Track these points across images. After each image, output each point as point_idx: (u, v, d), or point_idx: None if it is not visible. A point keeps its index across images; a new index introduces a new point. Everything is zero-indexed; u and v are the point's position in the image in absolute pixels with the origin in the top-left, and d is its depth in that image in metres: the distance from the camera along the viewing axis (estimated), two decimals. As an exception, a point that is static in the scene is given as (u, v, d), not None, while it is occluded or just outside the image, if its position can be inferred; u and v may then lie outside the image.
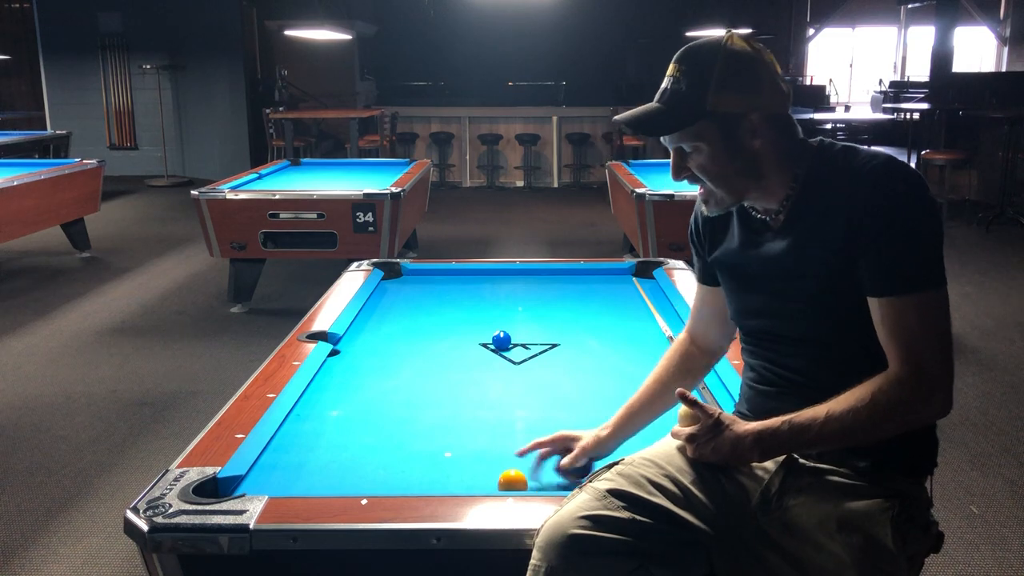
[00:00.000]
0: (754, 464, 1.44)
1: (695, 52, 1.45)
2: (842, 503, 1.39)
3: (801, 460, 1.45)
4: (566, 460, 1.68)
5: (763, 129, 1.43)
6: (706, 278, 1.71)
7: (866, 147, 1.46)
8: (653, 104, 1.48)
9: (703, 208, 1.60)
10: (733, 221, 1.58)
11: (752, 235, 1.53)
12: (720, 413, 1.42)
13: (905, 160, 1.47)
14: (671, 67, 1.47)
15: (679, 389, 1.45)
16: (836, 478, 1.42)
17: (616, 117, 1.55)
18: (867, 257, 1.35)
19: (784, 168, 1.46)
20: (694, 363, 1.76)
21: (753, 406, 1.56)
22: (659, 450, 1.51)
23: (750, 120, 1.42)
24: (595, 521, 1.34)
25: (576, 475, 1.65)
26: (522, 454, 1.70)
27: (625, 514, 1.35)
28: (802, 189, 1.45)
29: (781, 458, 1.45)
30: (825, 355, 1.45)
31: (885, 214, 1.34)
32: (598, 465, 1.60)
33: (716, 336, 1.75)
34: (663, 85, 1.47)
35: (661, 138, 1.51)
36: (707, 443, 1.40)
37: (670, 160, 1.51)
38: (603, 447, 1.69)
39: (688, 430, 1.43)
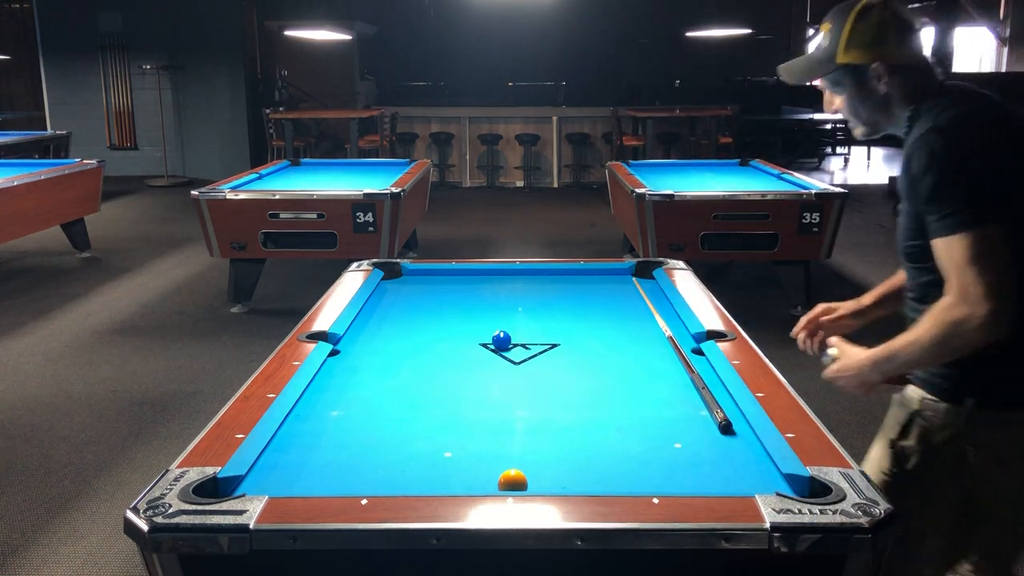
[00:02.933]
0: None
1: (838, 12, 1.76)
2: None
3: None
4: (828, 317, 1.97)
5: (888, 76, 1.72)
6: None
7: (967, 103, 1.67)
8: (806, 55, 1.85)
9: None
10: None
11: None
12: (848, 349, 1.81)
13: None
14: (823, 24, 1.79)
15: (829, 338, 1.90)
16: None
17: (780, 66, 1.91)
18: (919, 207, 1.62)
19: (906, 107, 1.72)
20: None
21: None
22: None
23: (875, 69, 1.72)
24: None
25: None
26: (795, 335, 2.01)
27: None
28: (907, 132, 1.71)
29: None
30: (922, 294, 1.71)
31: (912, 175, 1.62)
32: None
33: None
34: (817, 40, 1.81)
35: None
36: (845, 374, 1.77)
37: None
38: (864, 315, 1.98)
39: (835, 367, 1.80)
